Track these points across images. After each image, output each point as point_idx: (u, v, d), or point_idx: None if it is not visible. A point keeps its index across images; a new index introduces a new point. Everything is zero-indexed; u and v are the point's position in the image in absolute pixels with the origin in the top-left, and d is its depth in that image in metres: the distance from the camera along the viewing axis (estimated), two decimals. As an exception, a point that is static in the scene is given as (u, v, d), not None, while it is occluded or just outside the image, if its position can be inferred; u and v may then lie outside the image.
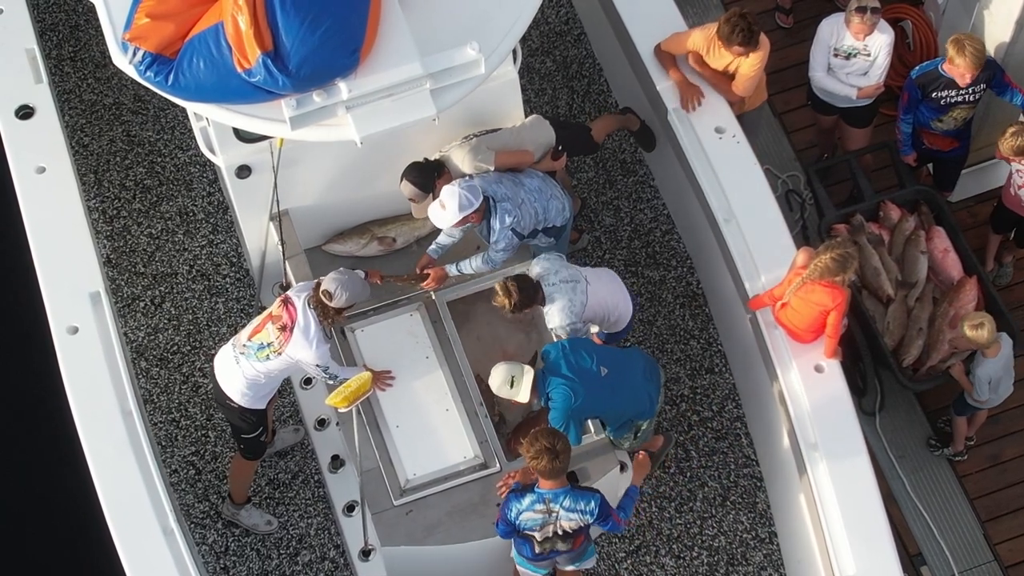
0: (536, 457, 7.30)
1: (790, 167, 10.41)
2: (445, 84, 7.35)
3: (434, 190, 8.34)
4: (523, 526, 7.59)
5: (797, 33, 10.76)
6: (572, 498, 7.50)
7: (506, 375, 7.80)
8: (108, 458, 7.93)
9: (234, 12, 7.03)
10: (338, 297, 7.72)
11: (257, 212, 8.78)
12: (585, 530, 7.71)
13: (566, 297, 8.03)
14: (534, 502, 7.50)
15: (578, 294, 8.07)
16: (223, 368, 8.05)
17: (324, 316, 7.80)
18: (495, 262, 8.45)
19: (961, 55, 8.76)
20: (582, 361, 7.80)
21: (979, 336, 8.41)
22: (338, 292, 7.71)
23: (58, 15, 10.84)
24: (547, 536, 7.63)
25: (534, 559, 7.84)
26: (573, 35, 10.74)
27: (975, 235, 9.91)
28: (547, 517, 7.51)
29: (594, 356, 7.84)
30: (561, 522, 7.54)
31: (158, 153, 10.22)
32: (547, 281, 8.05)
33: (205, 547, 8.92)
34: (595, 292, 8.18)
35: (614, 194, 10.09)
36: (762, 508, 9.05)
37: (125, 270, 9.77)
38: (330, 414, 8.78)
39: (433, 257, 8.59)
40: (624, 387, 7.94)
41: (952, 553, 9.13)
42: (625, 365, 8.01)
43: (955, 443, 9.32)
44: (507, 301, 7.95)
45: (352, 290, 7.76)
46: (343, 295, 7.71)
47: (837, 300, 7.97)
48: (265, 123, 7.40)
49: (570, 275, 8.13)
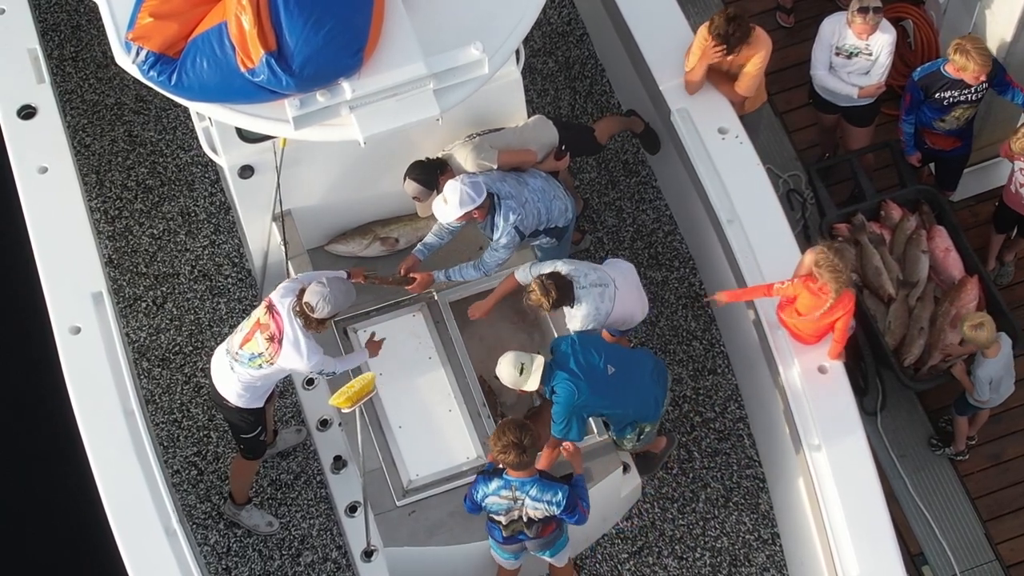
0: (503, 451, 7.40)
1: (791, 166, 10.41)
2: (448, 84, 7.35)
3: (438, 187, 8.33)
4: (488, 508, 7.68)
5: (798, 32, 10.77)
6: (539, 488, 7.56)
7: (516, 361, 7.75)
8: (110, 458, 7.91)
9: (238, 12, 7.02)
10: (320, 310, 7.66)
11: (260, 212, 8.77)
12: (555, 520, 7.76)
13: (593, 304, 7.96)
14: (501, 487, 7.58)
15: (605, 301, 8.01)
16: (218, 371, 8.02)
17: (308, 326, 7.75)
18: (488, 267, 8.39)
19: (970, 60, 8.76)
20: (591, 358, 7.79)
21: (978, 336, 8.41)
22: (320, 305, 7.65)
23: (60, 15, 10.83)
24: (513, 519, 7.70)
25: (503, 543, 7.89)
26: (575, 35, 10.73)
27: (976, 234, 9.91)
28: (512, 504, 7.59)
29: (603, 354, 7.83)
30: (527, 510, 7.61)
31: (160, 153, 10.22)
32: (578, 283, 7.96)
33: (207, 548, 8.91)
34: (622, 299, 8.12)
35: (617, 195, 10.08)
36: (765, 509, 9.05)
37: (127, 270, 9.76)
38: (332, 414, 8.78)
39: (419, 258, 8.50)
40: (630, 388, 7.93)
41: (954, 552, 9.13)
42: (633, 366, 8.00)
43: (956, 442, 9.32)
44: (545, 300, 7.87)
45: (335, 302, 7.69)
46: (325, 308, 7.66)
47: (848, 305, 7.96)
48: (268, 123, 7.40)
49: (599, 278, 8.03)
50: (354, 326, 8.81)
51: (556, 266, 8.05)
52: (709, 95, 9.00)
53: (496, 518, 7.76)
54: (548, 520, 7.73)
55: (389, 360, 8.66)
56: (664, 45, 9.16)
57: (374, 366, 8.63)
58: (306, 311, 7.68)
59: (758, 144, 9.05)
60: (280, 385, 9.22)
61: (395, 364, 8.67)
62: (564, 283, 7.91)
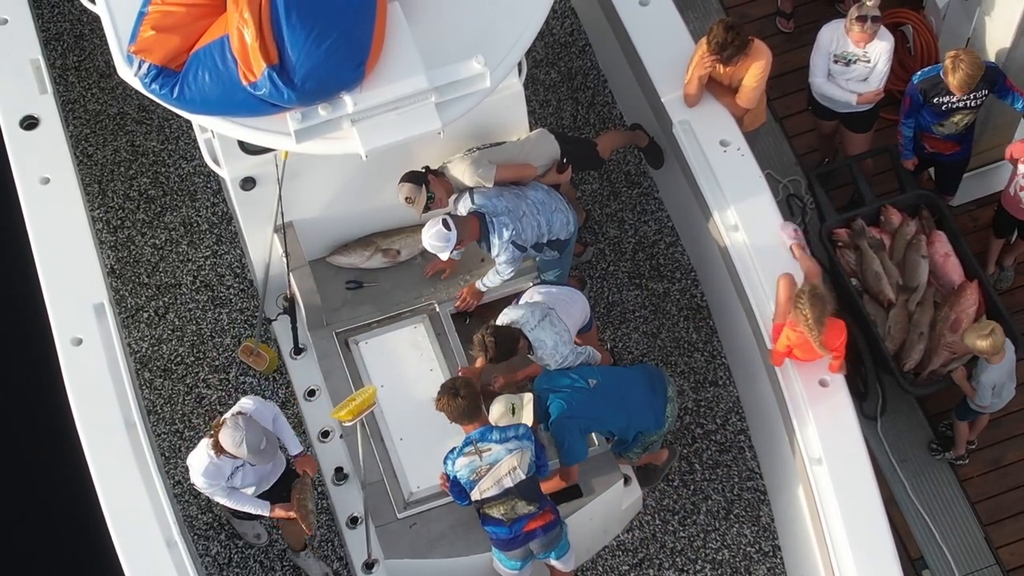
0: (443, 403, 7.64)
1: (791, 171, 10.41)
2: (450, 97, 7.35)
3: (427, 183, 8.32)
4: (462, 478, 7.69)
5: (798, 38, 10.77)
6: (499, 431, 7.67)
7: (507, 404, 7.94)
8: (112, 469, 7.92)
9: (240, 25, 7.03)
10: (228, 448, 7.63)
11: (261, 224, 8.77)
12: (551, 510, 7.82)
13: (552, 334, 8.04)
14: (462, 448, 7.67)
15: (557, 324, 8.09)
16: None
17: (216, 450, 7.70)
18: (503, 276, 8.50)
19: (953, 73, 8.80)
20: (568, 379, 7.97)
21: (987, 345, 8.39)
22: (230, 446, 7.60)
23: (63, 24, 10.85)
24: (498, 486, 7.65)
25: (509, 543, 7.85)
26: (578, 46, 10.74)
27: (976, 239, 9.91)
28: (478, 460, 7.62)
29: (579, 373, 8.01)
30: (501, 465, 7.61)
31: (162, 163, 10.22)
32: (528, 327, 8.03)
33: (208, 559, 8.91)
34: (567, 314, 8.21)
35: (618, 206, 10.08)
36: (766, 522, 9.04)
37: (129, 280, 9.76)
38: (334, 426, 8.77)
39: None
40: (619, 398, 7.99)
41: (954, 557, 9.12)
42: (622, 378, 8.10)
43: (956, 447, 9.32)
44: (483, 355, 8.00)
45: (246, 446, 7.59)
46: (235, 449, 7.61)
47: (840, 336, 8.04)
48: (270, 136, 7.40)
49: (541, 311, 8.12)
50: (355, 338, 8.82)
51: (504, 315, 8.14)
52: (711, 107, 9.00)
53: (491, 514, 7.75)
54: (532, 487, 7.74)
55: (390, 372, 8.67)
56: (666, 57, 9.16)
57: (375, 378, 8.65)
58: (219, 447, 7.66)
59: (758, 149, 9.05)
60: (282, 395, 9.27)
61: (396, 376, 8.67)
62: (506, 336, 7.95)
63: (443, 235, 8.13)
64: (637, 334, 9.61)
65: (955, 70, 8.79)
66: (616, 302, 9.72)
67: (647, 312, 9.70)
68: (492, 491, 7.68)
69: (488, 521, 7.83)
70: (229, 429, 7.58)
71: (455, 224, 8.15)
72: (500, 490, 7.68)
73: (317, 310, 8.83)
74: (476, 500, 7.75)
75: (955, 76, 8.80)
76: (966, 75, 8.77)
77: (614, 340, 9.54)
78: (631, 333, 9.62)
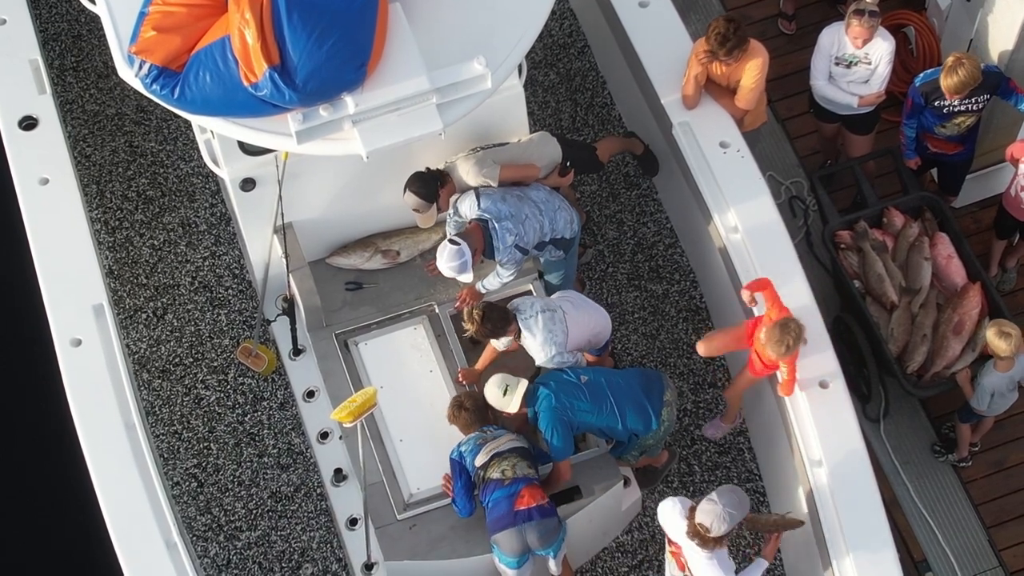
0: (453, 422, 8.16)
1: (793, 173, 10.41)
2: (451, 99, 7.36)
3: (438, 199, 8.33)
4: (467, 451, 7.96)
5: (800, 39, 10.76)
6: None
7: (501, 383, 7.99)
8: (111, 470, 7.92)
9: (241, 26, 7.02)
10: None
11: (261, 225, 8.77)
12: (535, 461, 8.08)
13: (546, 328, 8.03)
14: (472, 440, 8.10)
15: (557, 323, 8.08)
16: None
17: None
18: (503, 278, 8.47)
19: (949, 77, 8.78)
20: (560, 374, 8.05)
21: (1000, 344, 8.38)
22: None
23: (61, 25, 10.83)
24: (500, 453, 7.92)
25: (506, 519, 7.86)
26: (577, 47, 10.73)
27: (979, 241, 9.91)
28: (483, 434, 8.06)
29: (570, 369, 8.10)
30: (504, 435, 8.01)
31: (160, 164, 10.21)
32: (524, 315, 8.05)
33: (207, 560, 8.90)
34: (575, 321, 8.18)
35: (617, 207, 10.08)
36: (765, 523, 9.05)
37: (127, 281, 9.75)
38: (333, 427, 8.77)
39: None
40: (609, 396, 7.99)
41: (957, 559, 9.12)
42: (615, 377, 8.11)
43: (959, 449, 9.32)
44: (470, 325, 8.03)
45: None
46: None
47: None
48: (271, 137, 7.40)
49: (546, 304, 8.14)
50: (355, 339, 8.81)
51: (513, 300, 8.26)
52: (711, 109, 9.00)
53: (492, 476, 7.89)
54: (527, 454, 7.97)
55: (390, 373, 8.66)
56: (666, 58, 9.16)
57: (374, 379, 8.64)
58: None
59: (759, 151, 9.05)
60: (281, 396, 9.27)
61: (396, 377, 8.67)
62: (497, 313, 8.02)
63: (457, 252, 8.06)
64: (636, 335, 9.61)
65: (950, 75, 8.77)
66: (615, 303, 9.72)
67: (646, 313, 9.70)
68: (497, 448, 7.96)
69: (488, 488, 7.90)
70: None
71: (462, 240, 8.13)
72: (504, 448, 7.94)
73: (316, 311, 8.83)
74: (480, 464, 7.90)
75: (949, 80, 8.77)
76: (960, 81, 8.75)
77: (613, 341, 9.53)
78: (630, 334, 9.62)
